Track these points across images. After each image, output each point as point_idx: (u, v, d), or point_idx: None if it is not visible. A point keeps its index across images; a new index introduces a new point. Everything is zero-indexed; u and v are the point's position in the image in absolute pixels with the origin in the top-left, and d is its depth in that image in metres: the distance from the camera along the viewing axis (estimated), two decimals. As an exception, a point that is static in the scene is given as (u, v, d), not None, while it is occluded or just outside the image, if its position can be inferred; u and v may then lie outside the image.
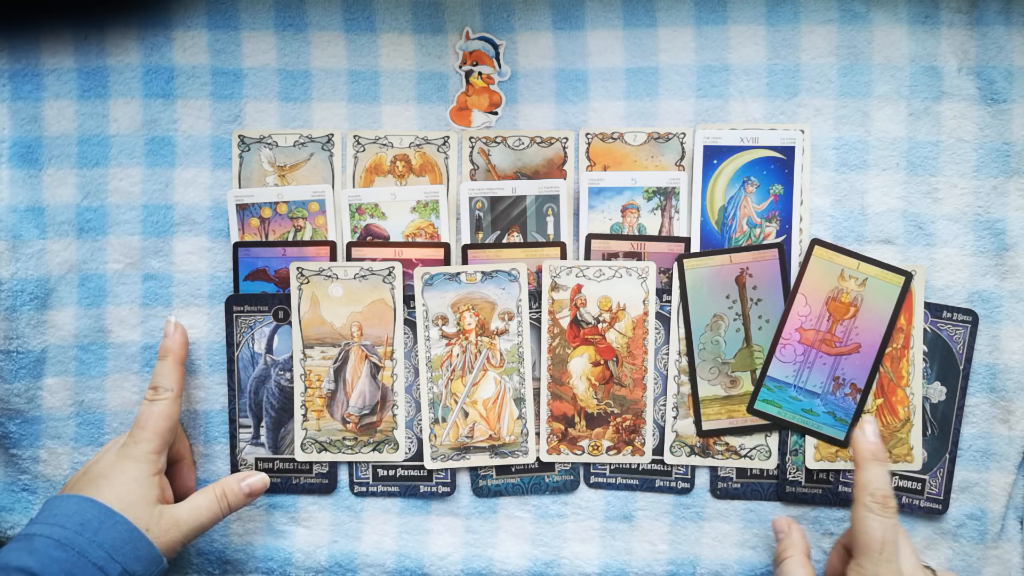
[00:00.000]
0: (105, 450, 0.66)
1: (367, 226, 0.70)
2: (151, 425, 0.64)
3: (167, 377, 0.66)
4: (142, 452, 0.63)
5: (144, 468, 0.63)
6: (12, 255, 0.68)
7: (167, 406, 0.65)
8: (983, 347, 0.69)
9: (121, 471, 0.62)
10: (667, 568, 0.70)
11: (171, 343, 0.68)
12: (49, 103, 0.69)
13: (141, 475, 0.62)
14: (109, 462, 0.63)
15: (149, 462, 0.63)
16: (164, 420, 0.64)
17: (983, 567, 0.69)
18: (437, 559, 0.70)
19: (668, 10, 0.69)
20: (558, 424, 0.70)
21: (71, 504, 0.59)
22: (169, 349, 0.67)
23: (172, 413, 0.65)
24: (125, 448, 0.63)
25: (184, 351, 0.68)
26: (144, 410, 0.65)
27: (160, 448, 0.64)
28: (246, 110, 0.70)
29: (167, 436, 0.64)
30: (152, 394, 0.65)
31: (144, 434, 0.64)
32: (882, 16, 0.68)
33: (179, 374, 0.67)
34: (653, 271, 0.69)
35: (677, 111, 0.69)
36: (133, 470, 0.62)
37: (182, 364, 0.68)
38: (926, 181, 0.69)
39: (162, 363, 0.67)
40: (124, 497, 0.60)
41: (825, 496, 0.69)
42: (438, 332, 0.69)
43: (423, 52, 0.70)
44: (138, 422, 0.64)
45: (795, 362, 0.68)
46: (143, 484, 0.62)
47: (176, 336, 0.68)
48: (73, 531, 0.57)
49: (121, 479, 0.61)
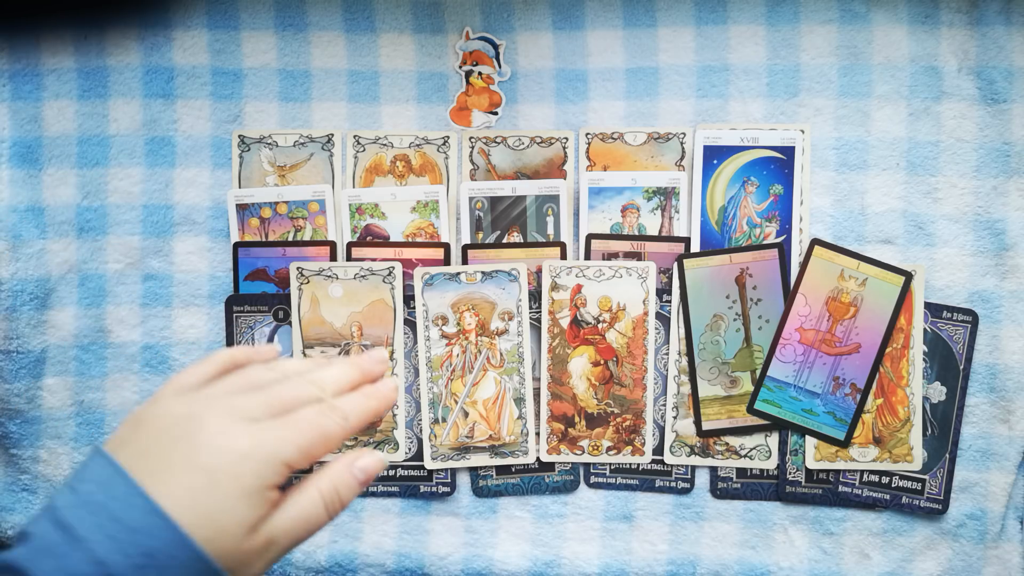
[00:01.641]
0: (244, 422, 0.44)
1: (367, 226, 0.70)
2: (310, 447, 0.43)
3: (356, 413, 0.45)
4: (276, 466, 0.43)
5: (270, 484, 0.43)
6: (12, 255, 0.68)
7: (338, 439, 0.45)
8: (983, 347, 0.69)
9: (234, 476, 0.41)
10: (667, 568, 0.70)
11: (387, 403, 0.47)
12: (49, 103, 0.69)
13: (255, 487, 0.41)
14: (227, 447, 0.41)
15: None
16: (326, 448, 0.44)
17: (983, 567, 0.69)
18: (437, 559, 0.70)
19: (668, 10, 0.69)
20: (558, 424, 0.70)
21: (142, 515, 0.39)
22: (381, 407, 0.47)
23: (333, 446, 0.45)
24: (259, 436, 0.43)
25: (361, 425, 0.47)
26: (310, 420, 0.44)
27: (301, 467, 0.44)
28: (246, 110, 0.70)
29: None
30: (341, 420, 0.44)
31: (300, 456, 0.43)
32: (882, 16, 0.68)
33: (366, 420, 0.46)
34: (653, 271, 0.69)
35: (677, 111, 0.69)
36: (251, 479, 0.42)
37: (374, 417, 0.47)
38: (926, 181, 0.69)
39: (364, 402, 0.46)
40: (213, 518, 0.40)
41: (825, 496, 0.69)
42: (438, 332, 0.69)
43: (423, 52, 0.70)
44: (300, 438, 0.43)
45: (795, 362, 0.68)
46: (251, 501, 0.41)
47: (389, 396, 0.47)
48: (135, 563, 0.38)
49: (227, 492, 0.40)
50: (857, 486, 0.69)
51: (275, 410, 0.43)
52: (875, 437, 0.68)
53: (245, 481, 0.40)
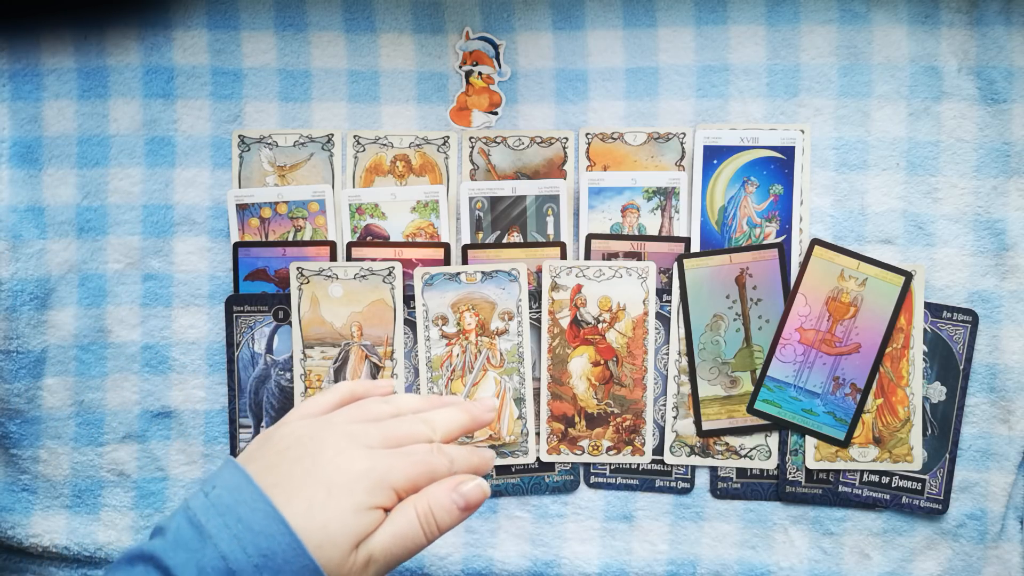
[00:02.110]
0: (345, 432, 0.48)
1: (367, 226, 0.70)
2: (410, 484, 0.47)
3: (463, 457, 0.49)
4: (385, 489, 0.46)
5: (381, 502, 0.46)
6: (12, 255, 0.68)
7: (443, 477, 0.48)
8: (983, 347, 0.69)
9: (348, 492, 0.45)
10: (667, 568, 0.70)
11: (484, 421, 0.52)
12: (49, 103, 0.69)
13: (365, 505, 0.44)
14: (348, 464, 0.45)
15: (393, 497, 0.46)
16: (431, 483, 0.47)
17: (983, 567, 0.69)
18: (437, 559, 0.70)
19: (668, 10, 0.69)
20: (558, 424, 0.70)
21: (263, 518, 0.43)
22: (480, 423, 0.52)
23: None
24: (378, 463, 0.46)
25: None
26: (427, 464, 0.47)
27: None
28: (246, 110, 0.70)
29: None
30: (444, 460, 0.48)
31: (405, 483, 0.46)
32: (882, 16, 0.68)
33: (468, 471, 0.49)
34: (653, 271, 0.69)
35: (677, 111, 0.69)
36: (364, 496, 0.45)
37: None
38: (926, 181, 0.69)
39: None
40: (327, 527, 0.43)
41: (825, 496, 0.69)
42: (438, 332, 0.69)
43: (423, 52, 0.70)
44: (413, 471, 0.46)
45: (795, 362, 0.68)
46: (360, 517, 0.44)
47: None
48: (253, 562, 0.42)
49: (340, 504, 0.44)
50: (857, 486, 0.69)
51: (390, 442, 0.47)
52: (875, 437, 0.68)
53: (358, 498, 0.44)
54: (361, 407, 0.50)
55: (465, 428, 0.51)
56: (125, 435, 0.71)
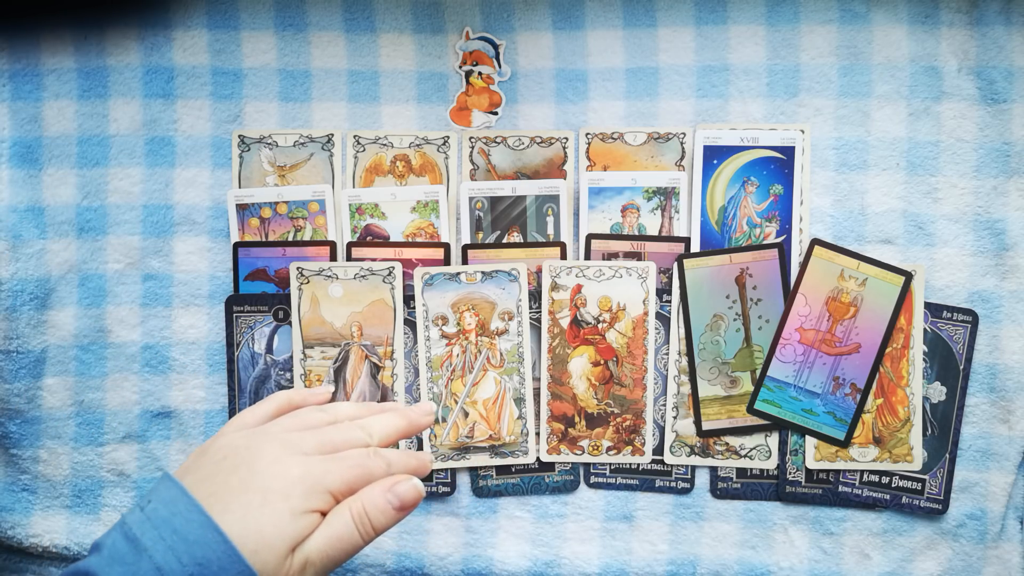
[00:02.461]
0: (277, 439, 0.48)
1: (367, 226, 0.70)
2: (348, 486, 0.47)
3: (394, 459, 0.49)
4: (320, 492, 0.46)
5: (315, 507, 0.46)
6: (12, 255, 0.68)
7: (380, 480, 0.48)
8: (983, 347, 0.69)
9: (284, 497, 0.45)
10: (667, 568, 0.70)
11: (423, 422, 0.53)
12: (49, 103, 0.69)
13: (301, 509, 0.45)
14: (282, 472, 0.46)
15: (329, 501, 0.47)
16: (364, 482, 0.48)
17: (983, 567, 0.69)
18: (437, 559, 0.70)
19: (668, 10, 0.69)
20: (558, 424, 0.70)
21: (197, 528, 0.43)
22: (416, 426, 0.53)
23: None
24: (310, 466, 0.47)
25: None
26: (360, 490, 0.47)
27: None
28: (246, 110, 0.70)
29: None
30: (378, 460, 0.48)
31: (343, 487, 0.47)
32: (882, 16, 0.68)
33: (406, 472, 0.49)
34: (653, 271, 0.69)
35: (677, 111, 0.69)
36: (299, 501, 0.46)
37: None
38: (926, 181, 0.69)
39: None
40: (262, 532, 0.43)
41: (825, 496, 0.69)
42: (438, 332, 0.69)
43: (423, 52, 0.70)
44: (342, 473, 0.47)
45: (795, 362, 0.68)
46: (295, 521, 0.45)
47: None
48: (188, 571, 0.42)
49: (277, 509, 0.44)
50: (857, 486, 0.69)
51: (326, 448, 0.48)
52: (875, 437, 0.68)
53: (293, 503, 0.44)
54: (297, 416, 0.51)
55: (402, 432, 0.51)
56: (125, 435, 0.71)
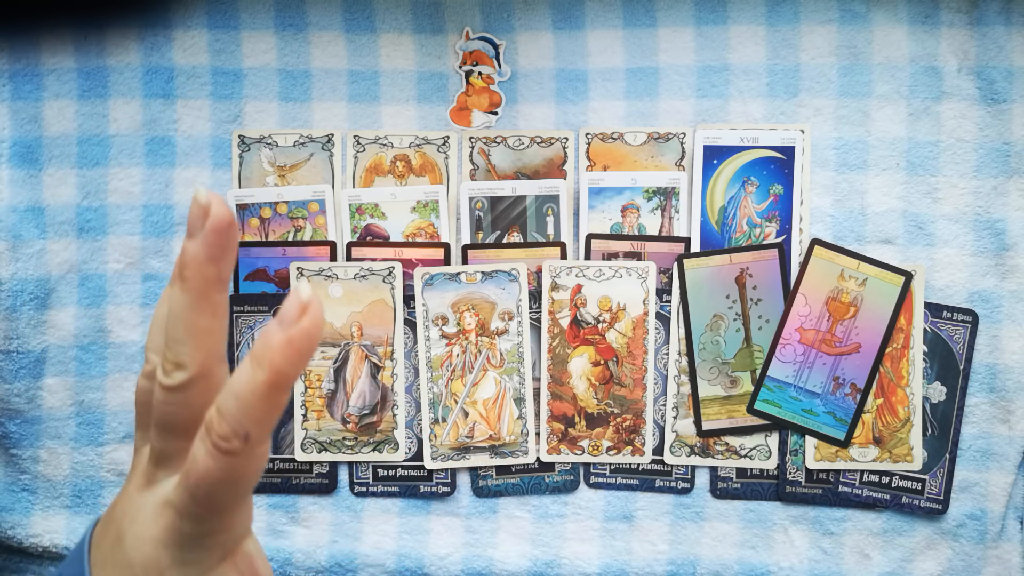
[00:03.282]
0: (148, 481, 0.37)
1: (367, 226, 0.70)
2: (206, 495, 0.33)
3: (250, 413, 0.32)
4: (188, 536, 0.35)
5: (197, 562, 0.35)
6: (12, 255, 0.68)
7: (239, 467, 0.33)
8: (983, 347, 0.69)
9: (155, 569, 0.35)
10: (667, 568, 0.70)
11: (281, 353, 0.31)
12: (49, 103, 0.69)
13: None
14: (143, 539, 0.35)
15: (205, 550, 0.35)
16: (233, 489, 0.34)
17: (983, 567, 0.69)
18: (437, 559, 0.70)
19: (668, 10, 0.69)
20: (558, 424, 0.70)
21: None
22: (271, 358, 0.31)
23: (249, 477, 0.34)
24: (163, 517, 0.35)
25: (297, 374, 0.33)
26: (197, 460, 0.33)
27: (226, 526, 0.35)
28: (246, 110, 0.70)
29: (238, 506, 0.35)
30: (215, 433, 0.32)
31: (195, 508, 0.34)
32: (882, 16, 0.68)
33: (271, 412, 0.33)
34: (653, 271, 0.69)
35: (677, 111, 0.69)
36: (175, 571, 0.35)
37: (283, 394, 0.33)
38: (926, 181, 0.69)
39: (248, 376, 0.32)
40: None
41: (825, 496, 0.69)
42: (438, 332, 0.69)
43: (423, 52, 0.70)
44: (185, 476, 0.33)
45: (795, 362, 0.68)
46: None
47: (299, 342, 0.31)
48: None
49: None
50: (857, 486, 0.69)
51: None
52: (875, 437, 0.68)
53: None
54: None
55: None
56: (125, 435, 0.71)
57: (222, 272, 0.34)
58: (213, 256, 0.33)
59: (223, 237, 0.33)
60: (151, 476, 0.36)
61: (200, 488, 0.33)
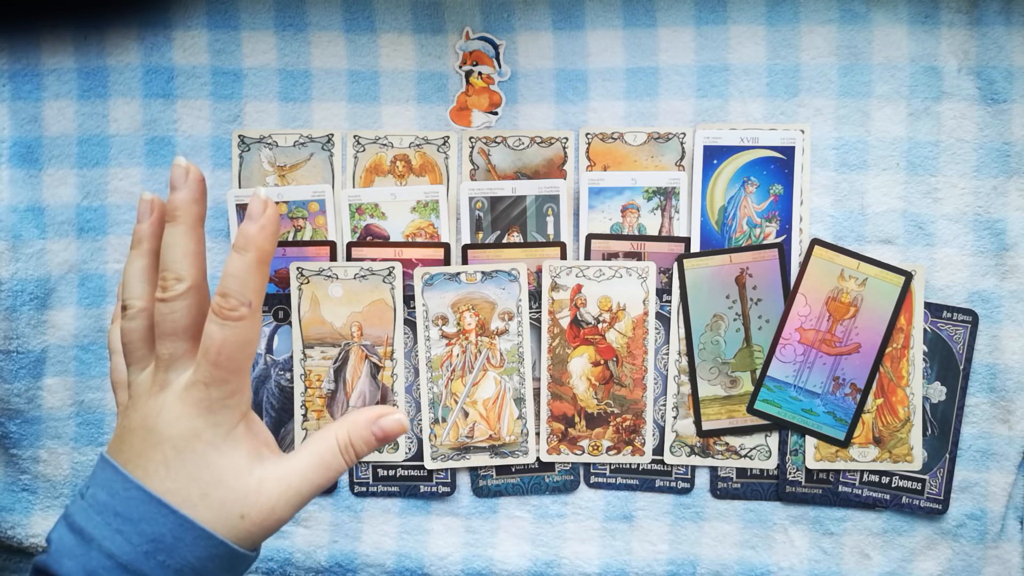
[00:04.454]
0: (161, 386, 0.45)
1: (367, 226, 0.70)
2: (231, 359, 0.44)
3: (249, 283, 0.44)
4: (220, 400, 0.44)
5: (226, 422, 0.44)
6: (12, 255, 0.68)
7: (253, 328, 0.45)
8: (983, 347, 0.69)
9: (193, 433, 0.43)
10: (667, 568, 0.70)
11: (259, 237, 0.45)
12: (49, 103, 0.69)
13: (221, 435, 0.44)
14: (173, 416, 0.44)
15: (230, 410, 0.44)
16: (248, 348, 0.44)
17: (983, 567, 0.69)
18: (437, 559, 0.70)
19: (668, 10, 0.69)
20: (558, 424, 0.70)
21: (139, 503, 0.42)
22: (255, 243, 0.45)
23: (257, 336, 0.45)
24: (194, 393, 0.44)
25: (273, 246, 0.46)
26: (217, 336, 0.44)
27: (243, 385, 0.45)
28: (246, 110, 0.70)
29: (248, 366, 0.45)
30: (225, 308, 0.44)
31: (221, 374, 0.44)
32: (882, 16, 0.68)
33: (264, 280, 0.45)
34: (653, 271, 0.69)
35: (677, 111, 0.69)
36: (210, 430, 0.44)
37: (267, 266, 0.45)
38: (926, 181, 0.69)
39: (243, 261, 0.45)
40: (204, 479, 0.43)
41: (825, 496, 0.69)
42: (438, 332, 0.69)
43: (423, 52, 0.70)
44: (206, 354, 0.44)
45: (795, 362, 0.68)
46: (227, 449, 0.44)
47: (269, 226, 0.45)
48: (142, 551, 0.41)
49: (195, 448, 0.43)
50: (857, 486, 0.69)
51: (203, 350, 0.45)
52: (875, 437, 0.68)
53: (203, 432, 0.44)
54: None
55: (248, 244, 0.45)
56: (125, 435, 0.71)
57: (202, 211, 0.47)
58: (196, 199, 0.47)
59: (203, 185, 0.47)
60: (163, 381, 0.45)
61: (222, 354, 0.43)
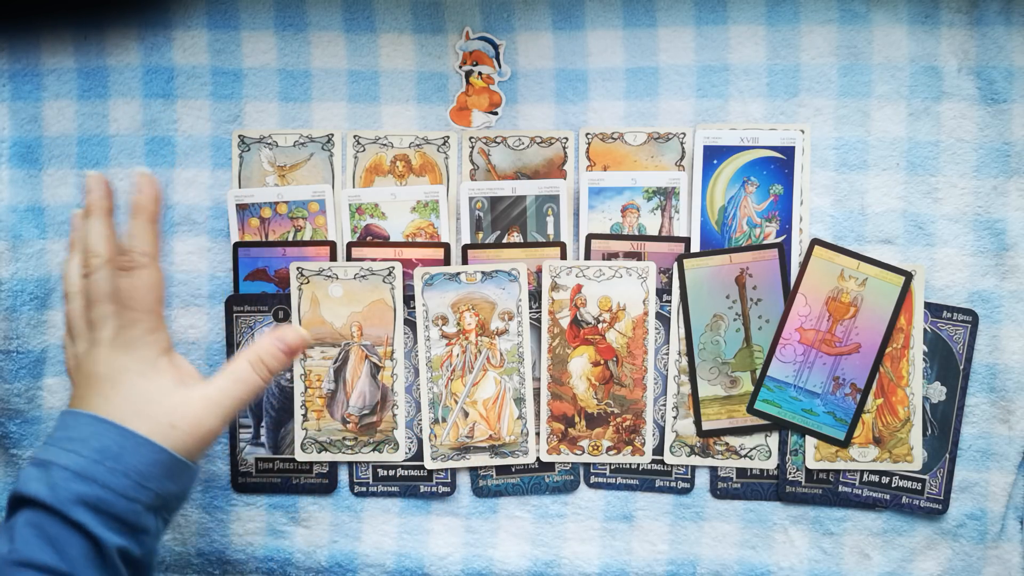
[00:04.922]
0: (94, 343, 0.57)
1: (367, 226, 0.70)
2: (140, 301, 0.57)
3: (143, 239, 0.59)
4: (139, 337, 0.56)
5: (148, 355, 0.56)
6: (12, 255, 0.68)
7: (153, 275, 0.59)
8: (983, 347, 0.69)
9: (123, 368, 0.55)
10: (667, 568, 0.70)
11: (144, 199, 0.61)
12: (49, 103, 0.69)
13: (146, 365, 0.55)
14: (105, 359, 0.55)
15: (150, 346, 0.56)
16: (153, 292, 0.58)
17: (983, 567, 0.69)
18: (437, 559, 0.70)
19: (668, 10, 0.69)
20: (558, 424, 0.70)
21: (85, 426, 0.53)
22: (143, 207, 0.60)
23: (159, 282, 0.59)
24: (118, 338, 0.56)
25: (158, 208, 0.61)
26: (124, 285, 0.57)
27: (157, 325, 0.58)
28: (246, 110, 0.70)
29: (159, 309, 0.58)
30: (127, 261, 0.58)
31: (134, 315, 0.57)
32: (882, 16, 0.68)
33: (155, 235, 0.60)
34: (653, 271, 0.69)
35: (677, 111, 0.69)
36: (136, 363, 0.56)
37: (157, 224, 0.61)
38: (926, 181, 0.69)
39: (136, 222, 0.60)
40: (136, 400, 0.54)
41: (825, 496, 0.69)
42: (438, 332, 0.69)
43: (423, 52, 0.70)
44: (121, 302, 0.57)
45: (795, 362, 0.68)
46: (152, 375, 0.55)
47: (149, 191, 0.61)
48: (92, 459, 0.51)
49: (125, 379, 0.55)
50: (857, 486, 0.69)
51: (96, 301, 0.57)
52: (875, 437, 0.68)
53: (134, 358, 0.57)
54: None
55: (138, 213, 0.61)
56: (125, 435, 0.71)
57: (110, 204, 0.61)
58: (103, 195, 0.61)
59: (106, 186, 0.62)
60: (96, 339, 0.56)
61: (133, 298, 0.57)
